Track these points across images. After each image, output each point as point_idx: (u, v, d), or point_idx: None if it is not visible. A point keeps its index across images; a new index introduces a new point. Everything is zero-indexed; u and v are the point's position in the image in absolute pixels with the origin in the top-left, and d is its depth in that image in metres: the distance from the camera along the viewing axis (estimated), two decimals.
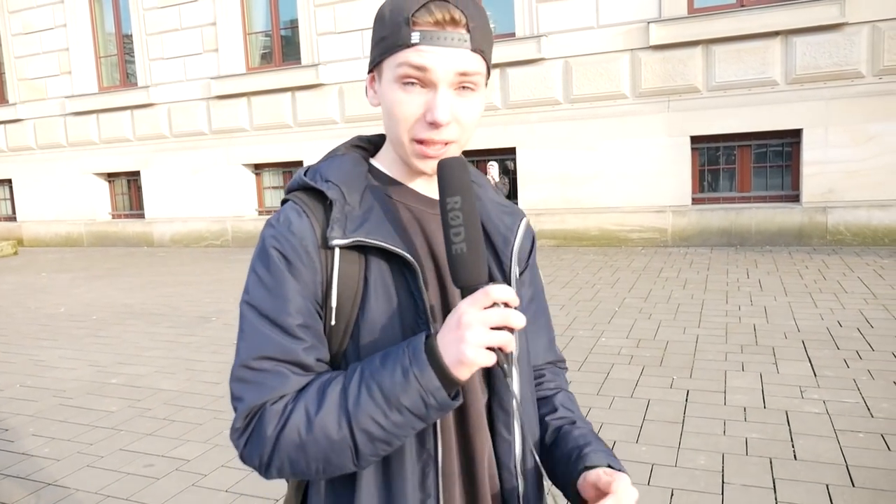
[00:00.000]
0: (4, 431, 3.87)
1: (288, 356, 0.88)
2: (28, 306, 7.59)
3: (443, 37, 0.87)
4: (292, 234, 0.91)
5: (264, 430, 0.86)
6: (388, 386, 0.83)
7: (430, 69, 0.88)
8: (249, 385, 0.88)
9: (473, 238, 0.84)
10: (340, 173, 0.96)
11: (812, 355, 4.32)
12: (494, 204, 1.06)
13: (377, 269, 0.92)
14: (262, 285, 0.91)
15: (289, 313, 0.89)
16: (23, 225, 14.13)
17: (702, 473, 2.90)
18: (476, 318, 0.80)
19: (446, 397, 0.83)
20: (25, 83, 13.51)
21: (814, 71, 8.08)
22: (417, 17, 0.87)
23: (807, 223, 8.29)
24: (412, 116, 0.90)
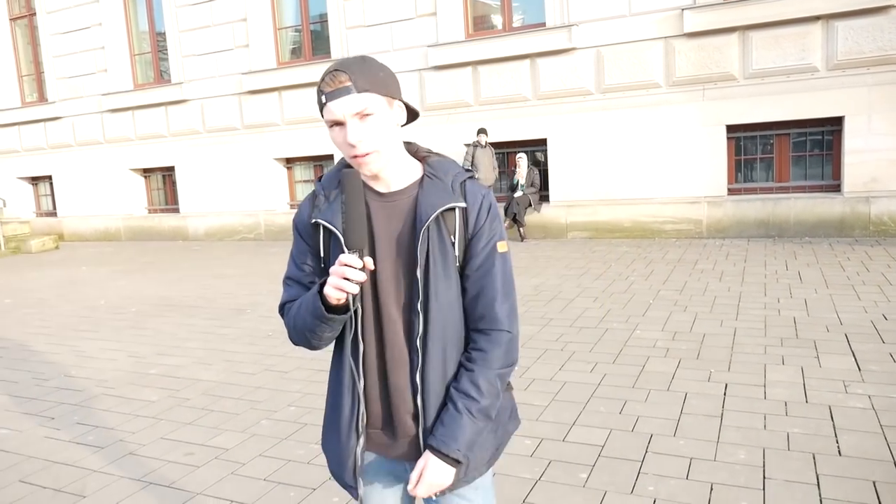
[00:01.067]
0: (51, 420, 3.97)
1: (298, 279, 1.54)
2: (70, 299, 7.78)
3: (336, 93, 1.33)
4: (300, 215, 1.53)
5: (285, 318, 1.55)
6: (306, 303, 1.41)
7: (335, 117, 1.35)
8: (285, 291, 1.57)
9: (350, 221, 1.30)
10: (327, 179, 1.52)
11: (856, 349, 4.21)
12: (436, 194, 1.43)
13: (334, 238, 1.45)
14: (293, 243, 1.57)
15: (299, 257, 1.54)
16: (63, 220, 14.48)
17: (742, 468, 2.84)
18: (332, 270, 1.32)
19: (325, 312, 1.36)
20: (63, 82, 13.81)
21: (857, 56, 7.85)
22: (322, 86, 1.35)
23: (848, 213, 8.08)
24: (343, 144, 1.37)
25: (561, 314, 5.57)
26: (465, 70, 10.01)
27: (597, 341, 4.76)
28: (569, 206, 9.62)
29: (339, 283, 1.29)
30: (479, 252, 1.44)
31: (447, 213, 1.42)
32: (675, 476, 2.82)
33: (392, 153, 1.41)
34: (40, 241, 13.12)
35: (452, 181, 1.44)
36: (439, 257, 1.41)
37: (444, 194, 1.41)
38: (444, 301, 1.42)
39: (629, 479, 2.82)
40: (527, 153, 9.79)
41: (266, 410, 3.91)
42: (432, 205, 1.40)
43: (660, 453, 3.03)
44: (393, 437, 1.49)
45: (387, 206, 1.43)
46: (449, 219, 1.41)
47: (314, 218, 1.46)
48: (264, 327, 5.83)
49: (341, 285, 1.29)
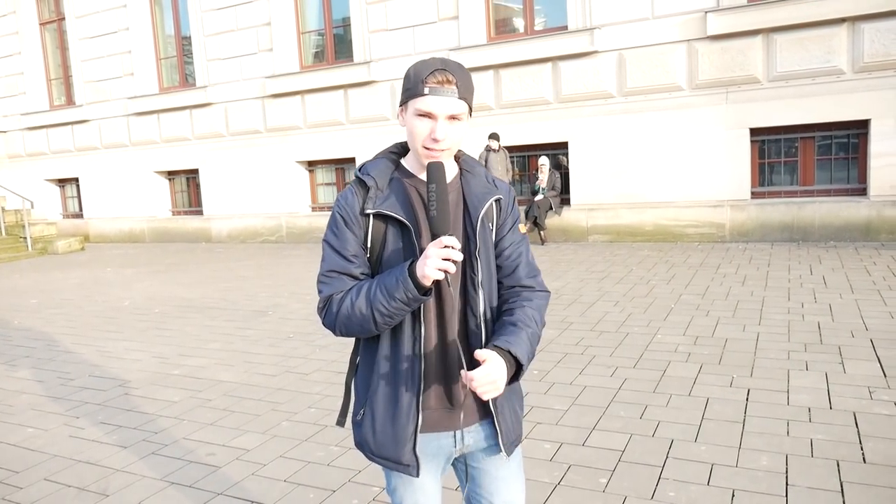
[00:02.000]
0: (76, 419, 4.04)
1: (346, 270, 1.57)
2: (95, 299, 7.91)
3: (442, 91, 1.47)
4: (347, 205, 1.58)
5: (332, 309, 1.56)
6: (389, 285, 1.47)
7: (430, 110, 1.48)
8: (326, 285, 1.58)
9: (441, 208, 1.43)
10: (376, 169, 1.61)
11: (881, 355, 4.14)
12: (479, 187, 1.62)
13: (392, 226, 1.56)
14: (333, 233, 1.59)
15: (346, 248, 1.57)
16: (89, 221, 14.73)
17: (764, 475, 2.81)
18: (433, 252, 1.40)
19: (417, 293, 1.44)
20: (91, 85, 14.05)
21: (883, 58, 7.73)
22: (428, 78, 1.47)
23: (875, 217, 7.95)
24: (424, 135, 1.50)
25: (581, 318, 5.54)
26: (487, 73, 10.02)
27: (617, 345, 4.74)
28: (590, 209, 9.58)
29: (441, 263, 1.39)
30: (509, 233, 1.66)
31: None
32: (696, 482, 2.79)
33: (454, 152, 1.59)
34: (66, 242, 13.36)
35: (486, 176, 1.66)
36: (488, 241, 1.61)
37: (485, 187, 1.62)
38: (490, 278, 1.62)
39: (649, 485, 2.80)
40: (548, 156, 9.76)
41: (287, 412, 3.94)
42: (481, 196, 1.60)
43: (681, 459, 3.01)
44: (448, 410, 1.60)
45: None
46: (488, 208, 1.61)
47: (374, 209, 1.54)
48: (285, 329, 5.88)
49: (444, 266, 1.39)
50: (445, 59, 1.51)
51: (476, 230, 1.57)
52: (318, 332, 5.66)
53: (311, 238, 11.73)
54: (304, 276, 8.42)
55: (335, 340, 5.38)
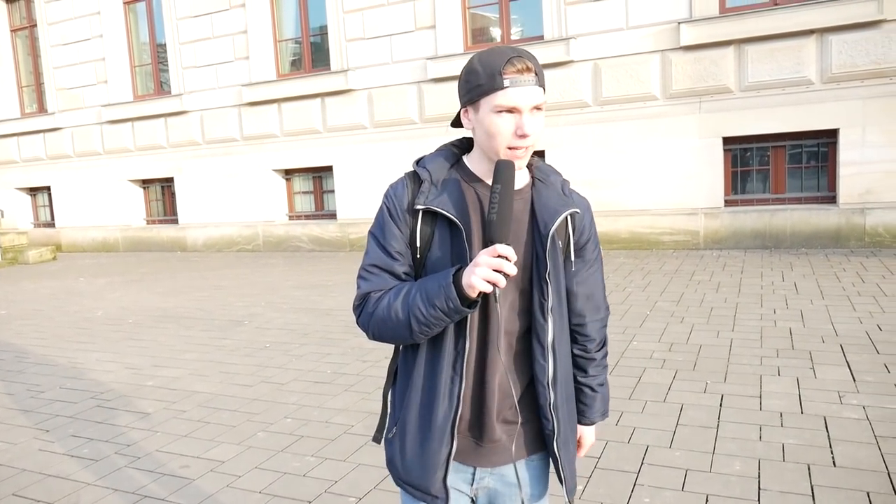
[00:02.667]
0: (45, 432, 3.96)
1: (388, 267, 1.43)
2: (67, 310, 7.78)
3: (523, 80, 1.31)
4: (397, 198, 1.44)
5: (368, 308, 1.43)
6: (430, 291, 1.32)
7: (515, 104, 1.31)
8: (365, 280, 1.45)
9: (502, 213, 1.26)
10: (433, 164, 1.45)
11: (851, 360, 4.22)
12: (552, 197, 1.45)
13: (441, 229, 1.41)
14: (379, 225, 1.45)
15: (391, 244, 1.42)
16: (61, 231, 14.49)
17: (737, 479, 2.85)
18: (483, 261, 1.25)
19: (459, 304, 1.29)
20: (63, 93, 13.86)
21: (850, 69, 7.91)
22: (505, 68, 1.30)
23: (844, 225, 8.11)
24: (507, 133, 1.33)
25: None
26: None
27: None
28: None
29: (491, 275, 1.23)
30: (590, 255, 1.53)
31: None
32: (670, 487, 2.82)
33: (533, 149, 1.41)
34: (38, 251, 13.13)
35: (562, 186, 1.48)
36: (558, 262, 1.44)
37: (559, 199, 1.44)
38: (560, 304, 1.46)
39: (625, 491, 2.82)
40: None
41: (262, 423, 3.91)
42: (553, 210, 1.42)
43: (655, 465, 3.03)
44: (477, 442, 1.47)
45: None
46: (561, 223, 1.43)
47: (424, 204, 1.38)
48: (262, 339, 5.83)
49: (494, 278, 1.24)
50: (519, 48, 1.34)
51: (546, 248, 1.39)
52: (295, 342, 5.63)
53: (287, 247, 11.66)
54: (280, 284, 8.37)
55: (312, 350, 5.35)
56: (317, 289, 7.98)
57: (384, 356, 5.02)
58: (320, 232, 11.42)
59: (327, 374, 4.74)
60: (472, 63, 1.36)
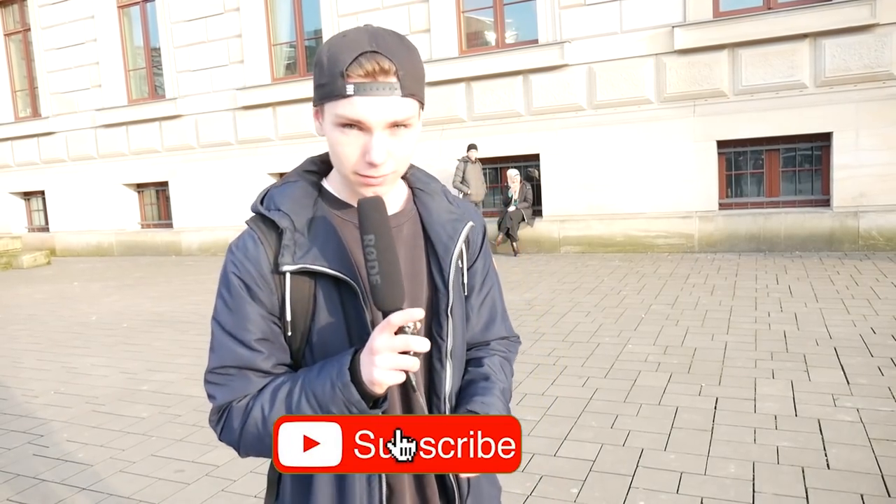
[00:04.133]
0: (40, 437, 3.95)
1: (248, 364, 1.04)
2: (61, 315, 7.75)
3: (373, 87, 0.95)
4: (248, 260, 1.04)
5: (232, 423, 1.04)
6: (319, 394, 0.97)
7: (363, 120, 0.96)
8: (219, 387, 1.06)
9: (386, 270, 0.92)
10: (291, 201, 1.06)
11: (845, 363, 4.24)
12: (442, 213, 1.14)
13: (325, 289, 1.04)
14: (226, 306, 1.05)
15: (248, 329, 1.03)
16: (55, 235, 14.44)
17: (732, 482, 2.85)
18: (384, 345, 0.92)
19: (366, 408, 0.95)
20: (57, 97, 13.83)
21: (844, 73, 7.95)
22: (350, 70, 0.95)
23: (838, 228, 8.14)
24: (353, 156, 0.99)
25: (553, 329, 5.58)
26: (459, 86, 10.08)
27: (589, 356, 4.78)
28: (561, 220, 9.66)
29: (397, 361, 0.92)
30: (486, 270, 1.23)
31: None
32: (665, 490, 2.82)
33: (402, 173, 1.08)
34: (32, 256, 13.08)
35: (444, 194, 1.18)
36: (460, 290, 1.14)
37: (451, 212, 1.15)
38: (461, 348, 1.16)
39: (620, 494, 2.82)
40: (519, 168, 9.84)
41: None
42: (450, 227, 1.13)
43: (650, 468, 3.04)
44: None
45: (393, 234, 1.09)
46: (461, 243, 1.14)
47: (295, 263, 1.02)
48: None
49: (402, 364, 0.92)
50: (376, 31, 0.99)
51: (449, 278, 1.09)
52: None
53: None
54: None
55: None
56: None
57: None
58: None
59: None
60: (319, 51, 1.02)
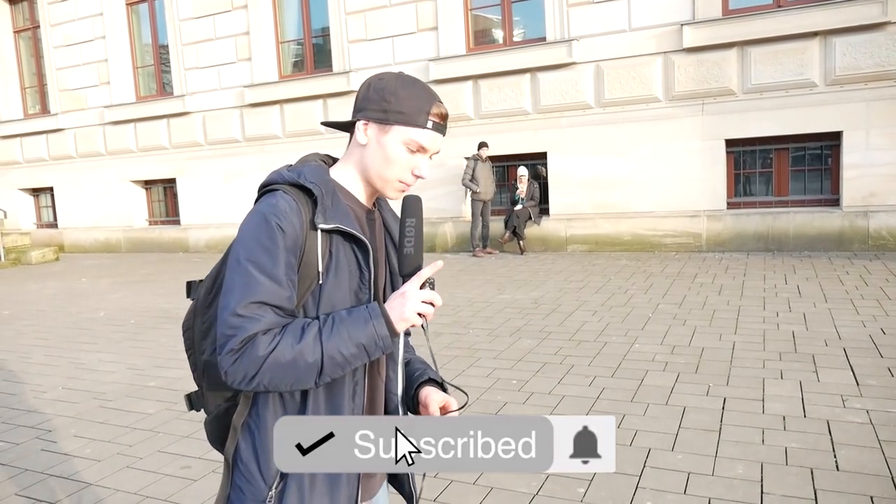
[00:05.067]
0: (48, 433, 3.96)
1: (279, 302, 1.23)
2: (69, 311, 7.78)
3: (442, 129, 1.33)
4: (292, 214, 1.26)
5: (256, 351, 1.19)
6: (353, 328, 1.23)
7: (429, 149, 1.32)
8: (248, 319, 1.20)
9: (418, 244, 1.29)
10: (318, 178, 1.32)
11: (854, 363, 4.21)
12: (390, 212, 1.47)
13: (342, 248, 1.30)
14: (263, 249, 1.24)
15: (280, 268, 1.23)
16: (64, 231, 14.51)
17: (740, 483, 2.84)
18: (415, 294, 1.26)
19: (390, 343, 1.25)
20: (66, 94, 13.88)
21: (854, 72, 7.89)
22: (434, 114, 1.31)
23: (847, 228, 8.09)
24: (406, 168, 1.32)
25: (560, 327, 5.56)
26: (466, 84, 10.06)
27: (596, 355, 4.76)
28: (569, 219, 9.64)
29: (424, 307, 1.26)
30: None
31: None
32: (672, 491, 2.81)
33: None
34: (40, 252, 13.14)
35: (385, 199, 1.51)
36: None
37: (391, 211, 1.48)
38: None
39: (627, 494, 2.81)
40: (527, 167, 9.81)
41: None
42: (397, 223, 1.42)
43: (658, 468, 3.02)
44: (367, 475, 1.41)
45: (372, 223, 1.41)
46: None
47: (328, 222, 1.27)
48: None
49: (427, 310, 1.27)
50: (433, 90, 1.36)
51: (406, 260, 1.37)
52: None
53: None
54: None
55: None
56: None
57: None
58: None
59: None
60: (391, 84, 1.31)
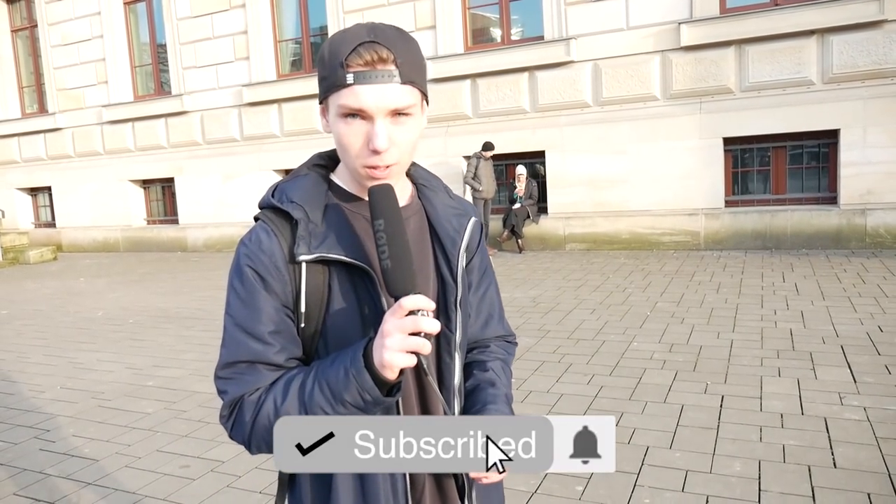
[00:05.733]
0: (46, 432, 3.96)
1: (260, 359, 1.04)
2: (68, 310, 7.78)
3: (372, 75, 0.98)
4: (263, 252, 1.05)
5: (244, 417, 1.04)
6: (333, 383, 0.97)
7: (364, 108, 0.99)
8: (231, 381, 1.05)
9: (397, 254, 0.95)
10: (303, 193, 1.09)
11: (852, 361, 4.22)
12: (446, 208, 1.18)
13: (339, 278, 1.06)
14: (239, 299, 1.06)
15: (261, 322, 1.04)
16: (62, 231, 14.49)
17: (738, 480, 2.85)
18: (394, 327, 0.92)
19: (380, 395, 0.96)
20: (64, 93, 13.86)
21: (851, 70, 7.90)
22: (350, 59, 0.99)
23: (845, 225, 8.10)
24: (357, 145, 1.02)
25: (558, 326, 5.57)
26: (464, 82, 10.06)
27: (594, 353, 4.77)
28: (567, 217, 9.64)
29: (408, 343, 0.92)
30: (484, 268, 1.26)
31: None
32: (670, 489, 2.82)
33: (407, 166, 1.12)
34: (38, 251, 13.13)
35: (446, 190, 1.22)
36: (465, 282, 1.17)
37: (454, 208, 1.19)
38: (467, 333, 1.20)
39: (625, 492, 2.82)
40: (525, 165, 9.81)
41: None
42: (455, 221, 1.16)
43: (656, 466, 3.03)
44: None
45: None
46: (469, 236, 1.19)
47: (311, 252, 1.04)
48: None
49: (413, 345, 0.92)
50: (375, 25, 1.03)
51: (457, 270, 1.13)
52: None
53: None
54: None
55: None
56: None
57: None
58: None
59: None
60: (322, 47, 1.06)
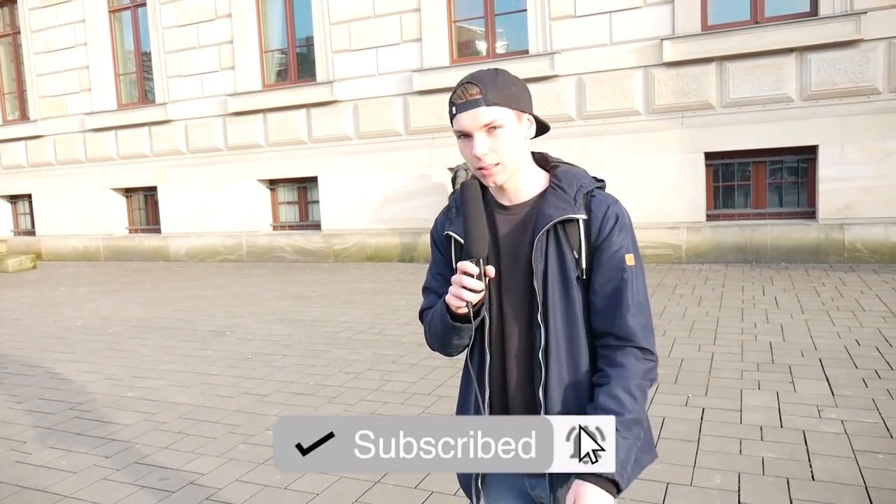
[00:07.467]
0: (22, 444, 3.90)
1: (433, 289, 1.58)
2: (46, 320, 7.67)
3: (465, 105, 1.38)
4: (436, 223, 1.60)
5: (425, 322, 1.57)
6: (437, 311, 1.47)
7: (464, 129, 1.39)
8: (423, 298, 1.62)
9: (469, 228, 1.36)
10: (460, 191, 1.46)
11: (829, 374, 4.27)
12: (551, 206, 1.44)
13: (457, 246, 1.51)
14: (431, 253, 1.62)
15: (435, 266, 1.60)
16: (41, 239, 14.31)
17: (717, 493, 2.87)
18: (453, 280, 1.36)
19: (450, 320, 1.40)
20: (46, 100, 13.74)
21: (829, 87, 8.05)
22: (453, 97, 1.41)
23: (823, 240, 8.22)
24: (469, 157, 1.41)
25: None
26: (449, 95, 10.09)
27: None
28: None
29: (456, 291, 1.34)
30: (604, 264, 1.42)
31: (568, 224, 1.42)
32: (651, 501, 2.83)
33: (517, 165, 1.43)
34: (17, 260, 12.95)
35: (576, 192, 1.44)
36: (556, 269, 1.41)
37: (563, 206, 1.42)
38: (562, 314, 1.42)
39: None
40: None
41: (244, 434, 3.87)
42: (549, 216, 1.41)
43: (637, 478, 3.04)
44: None
45: (510, 218, 1.47)
46: (571, 231, 1.42)
47: (447, 230, 1.52)
48: (243, 350, 5.79)
49: (459, 293, 1.33)
50: (480, 72, 1.40)
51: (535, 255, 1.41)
52: (278, 353, 5.59)
53: (271, 257, 11.60)
54: (263, 295, 8.32)
55: (294, 362, 5.32)
56: (300, 300, 7.94)
57: (366, 368, 5.01)
58: (304, 242, 11.38)
59: (310, 385, 4.71)
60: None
